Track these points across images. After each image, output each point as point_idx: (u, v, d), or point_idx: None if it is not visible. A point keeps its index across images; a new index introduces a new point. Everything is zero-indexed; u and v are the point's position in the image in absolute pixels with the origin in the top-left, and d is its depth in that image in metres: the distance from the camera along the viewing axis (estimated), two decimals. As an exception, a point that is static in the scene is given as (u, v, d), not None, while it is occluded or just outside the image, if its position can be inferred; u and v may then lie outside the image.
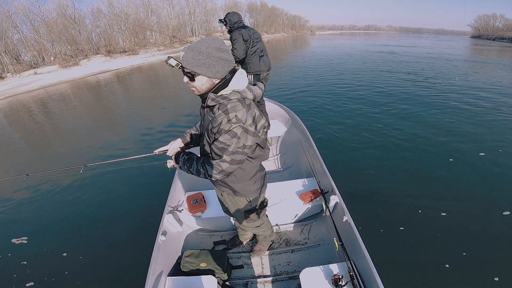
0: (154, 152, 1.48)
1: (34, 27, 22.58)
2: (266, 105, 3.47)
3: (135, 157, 1.62)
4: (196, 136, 1.49)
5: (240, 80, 1.10)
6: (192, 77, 1.05)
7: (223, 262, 1.85)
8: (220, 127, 1.06)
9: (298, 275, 1.59)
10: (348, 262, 1.47)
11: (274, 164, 3.34)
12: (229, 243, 2.12)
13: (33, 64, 20.70)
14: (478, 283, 2.09)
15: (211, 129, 1.11)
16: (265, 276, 1.87)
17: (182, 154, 1.32)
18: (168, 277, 1.67)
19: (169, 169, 1.44)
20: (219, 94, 1.09)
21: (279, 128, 3.47)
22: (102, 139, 5.62)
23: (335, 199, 1.92)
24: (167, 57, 1.01)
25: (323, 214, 1.93)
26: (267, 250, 2.03)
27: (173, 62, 1.00)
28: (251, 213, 1.51)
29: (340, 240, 1.59)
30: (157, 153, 1.48)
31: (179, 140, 1.46)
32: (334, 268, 1.57)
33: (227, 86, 1.08)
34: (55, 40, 22.60)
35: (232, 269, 1.93)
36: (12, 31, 21.05)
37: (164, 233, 1.82)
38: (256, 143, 1.19)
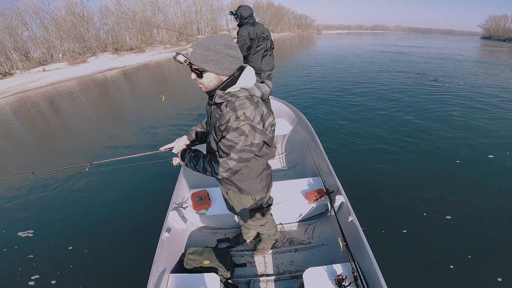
0: (160, 149, 1.48)
1: (43, 24, 22.91)
2: (272, 103, 3.46)
3: (141, 155, 1.62)
4: (201, 133, 1.49)
5: (248, 78, 1.09)
6: (200, 74, 1.04)
7: (226, 260, 1.85)
8: (228, 125, 1.05)
9: (301, 275, 1.58)
10: (352, 262, 1.46)
11: (279, 163, 3.33)
12: (232, 241, 2.12)
13: (42, 61, 21.01)
14: (481, 283, 2.08)
15: (218, 127, 1.10)
16: (268, 275, 1.86)
17: (188, 151, 1.31)
18: (171, 274, 1.68)
19: (174, 167, 1.44)
20: (227, 91, 1.08)
21: (284, 127, 3.45)
22: (108, 136, 5.67)
23: (340, 198, 1.90)
24: (176, 53, 1.00)
25: (328, 213, 1.92)
26: (270, 249, 2.03)
27: (181, 59, 0.99)
28: (256, 212, 1.51)
29: (344, 240, 1.58)
30: (162, 150, 1.47)
31: (184, 137, 1.46)
32: (338, 268, 1.56)
33: (235, 84, 1.07)
34: (64, 38, 22.89)
35: (235, 267, 1.92)
36: (21, 28, 21.39)
37: (168, 230, 1.82)
38: (264, 141, 1.19)
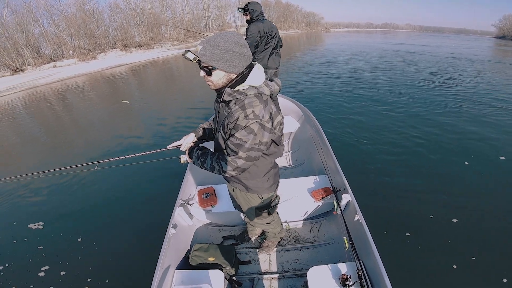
0: (168, 147, 1.48)
1: (54, 21, 23.26)
2: (279, 101, 3.45)
3: (149, 153, 1.63)
4: (209, 130, 1.49)
5: (257, 75, 1.08)
6: (209, 72, 1.03)
7: (231, 257, 1.86)
8: (237, 123, 1.04)
9: (306, 273, 1.58)
10: (357, 262, 1.45)
11: (286, 161, 3.32)
12: (238, 238, 2.13)
13: (52, 57, 21.39)
14: (486, 284, 2.06)
15: (227, 125, 1.09)
16: (272, 273, 1.87)
17: (196, 149, 1.31)
18: (176, 270, 1.69)
19: (182, 164, 1.45)
20: (235, 89, 1.07)
21: (292, 124, 3.44)
22: (117, 132, 5.74)
23: (347, 197, 1.89)
24: (185, 50, 0.99)
25: (334, 212, 1.91)
26: (275, 246, 2.03)
27: (190, 56, 0.99)
28: (262, 210, 1.51)
29: (350, 239, 1.57)
30: (170, 148, 1.47)
31: (192, 134, 1.46)
32: (343, 267, 1.56)
33: (244, 81, 1.07)
34: (74, 34, 23.21)
35: (240, 264, 1.93)
36: (33, 25, 21.76)
37: (175, 226, 1.84)
38: (272, 139, 1.18)
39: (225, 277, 1.70)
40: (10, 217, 3.24)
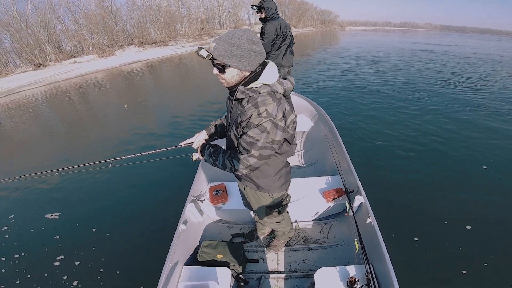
0: (180, 144, 1.50)
1: (74, 18, 24.07)
2: (292, 99, 3.41)
3: (161, 150, 1.65)
4: (221, 127, 1.49)
5: (270, 73, 1.06)
6: (223, 69, 1.03)
7: (239, 254, 1.86)
8: (250, 121, 1.03)
9: (313, 274, 1.56)
10: (367, 265, 1.42)
11: (298, 160, 3.28)
12: (247, 236, 2.13)
13: (73, 53, 22.16)
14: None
15: (239, 123, 1.09)
16: (279, 272, 1.86)
17: (208, 146, 1.31)
18: (185, 266, 1.71)
19: (194, 161, 1.46)
20: (249, 87, 1.06)
21: (305, 123, 3.39)
22: (132, 127, 5.86)
23: (360, 199, 1.85)
24: (198, 47, 0.99)
25: (346, 214, 1.87)
26: (284, 246, 2.02)
27: (204, 53, 0.99)
28: (273, 209, 1.50)
29: (361, 242, 1.53)
30: (182, 145, 1.48)
31: (204, 132, 1.46)
32: (351, 270, 1.53)
33: (257, 79, 1.05)
34: (94, 31, 23.95)
35: (248, 262, 1.93)
36: (55, 21, 22.60)
37: (185, 222, 1.85)
38: (284, 138, 1.16)
39: (232, 275, 1.70)
40: (28, 208, 3.37)
